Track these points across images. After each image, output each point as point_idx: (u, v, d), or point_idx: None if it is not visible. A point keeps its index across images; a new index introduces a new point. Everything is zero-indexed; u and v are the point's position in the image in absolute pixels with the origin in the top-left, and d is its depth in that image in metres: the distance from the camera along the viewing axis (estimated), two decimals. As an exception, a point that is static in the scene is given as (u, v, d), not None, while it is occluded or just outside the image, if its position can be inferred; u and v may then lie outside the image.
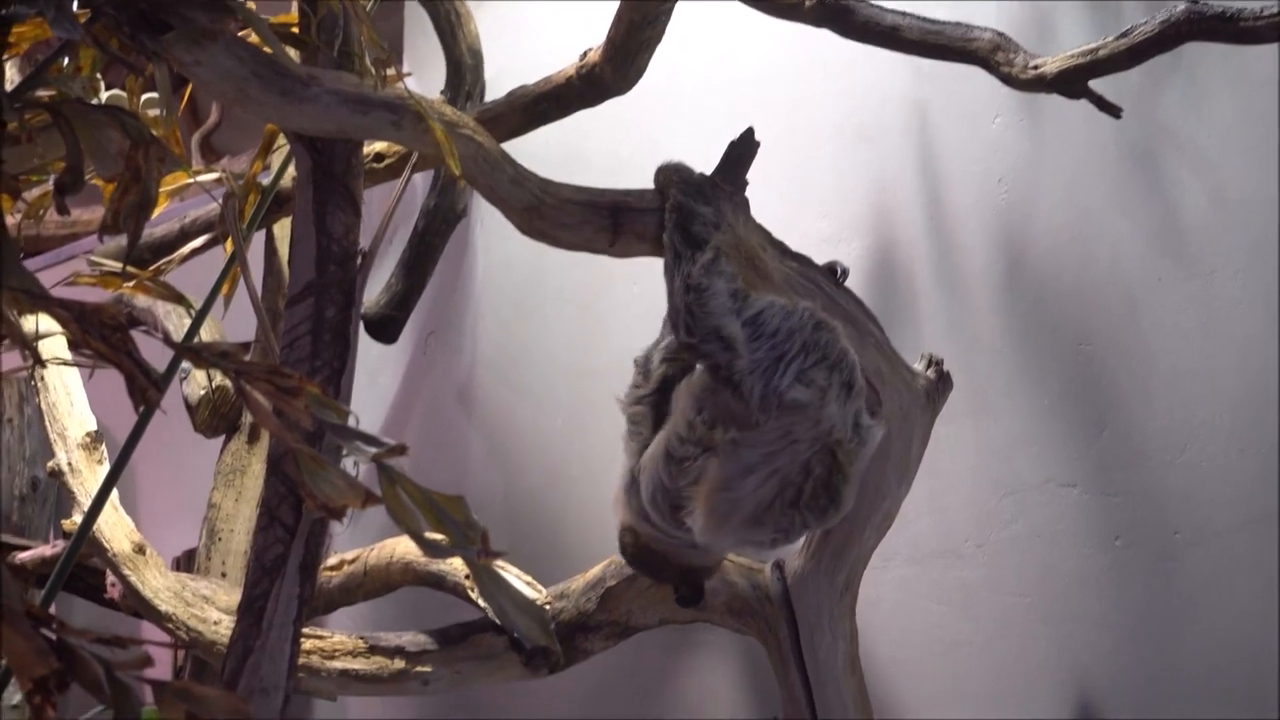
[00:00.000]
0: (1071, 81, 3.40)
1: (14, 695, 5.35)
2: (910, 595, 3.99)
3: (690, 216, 3.02)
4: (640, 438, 3.11)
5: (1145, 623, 3.64)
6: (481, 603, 3.67)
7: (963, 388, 3.55)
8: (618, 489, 3.12)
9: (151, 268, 3.28)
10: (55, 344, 3.97)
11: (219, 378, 4.81)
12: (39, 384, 4.32)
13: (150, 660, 1.70)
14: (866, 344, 3.24)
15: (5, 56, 2.51)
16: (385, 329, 4.76)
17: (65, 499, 4.30)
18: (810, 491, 2.91)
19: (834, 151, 4.30)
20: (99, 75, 3.00)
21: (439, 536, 1.84)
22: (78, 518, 4.14)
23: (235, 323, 3.99)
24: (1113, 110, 3.44)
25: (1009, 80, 3.48)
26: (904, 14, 3.60)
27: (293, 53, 2.83)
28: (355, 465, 2.43)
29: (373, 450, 1.85)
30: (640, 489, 3.01)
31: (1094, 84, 3.41)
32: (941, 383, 3.42)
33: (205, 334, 3.76)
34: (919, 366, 3.41)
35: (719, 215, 3.05)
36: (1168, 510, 3.63)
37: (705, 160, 3.18)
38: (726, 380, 2.91)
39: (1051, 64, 3.40)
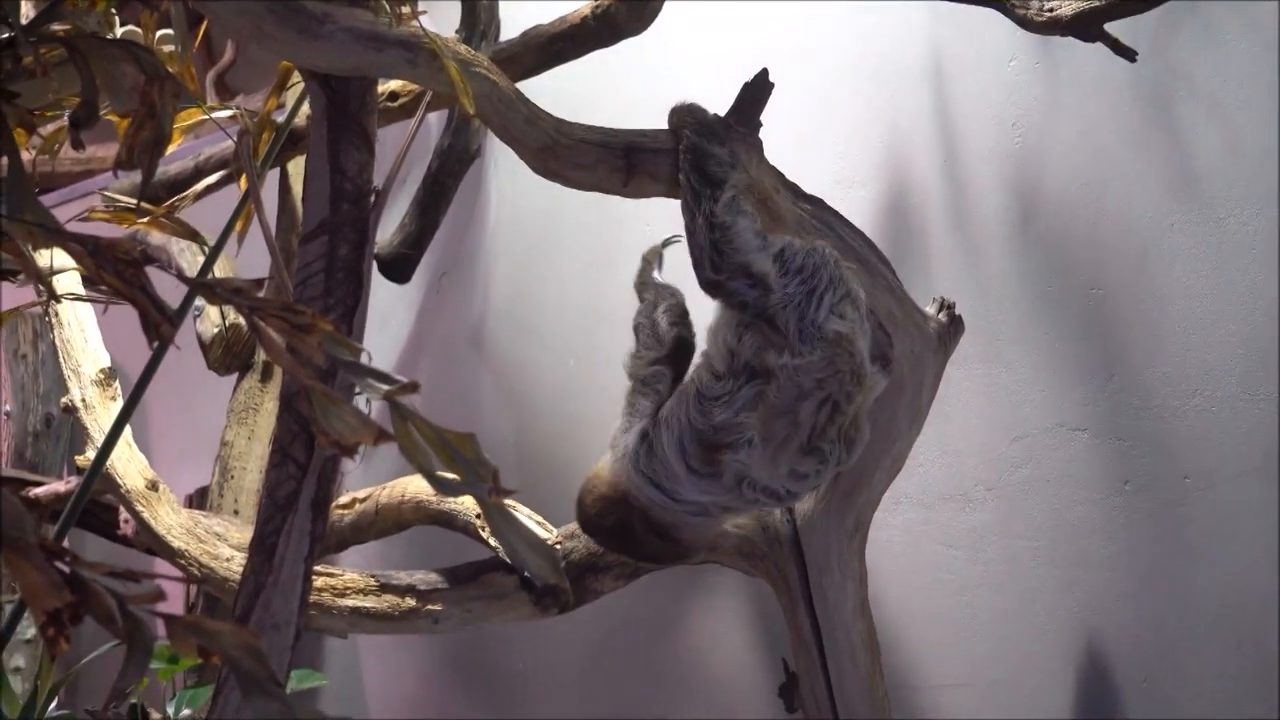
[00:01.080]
0: (1087, 24, 3.39)
1: (28, 629, 5.38)
2: (920, 539, 4.00)
3: (705, 157, 3.03)
4: (657, 396, 3.10)
5: (1154, 567, 3.64)
6: (492, 542, 3.68)
7: (974, 331, 3.56)
8: (612, 461, 3.06)
9: (166, 204, 3.28)
10: (69, 280, 3.97)
11: (232, 315, 4.82)
12: (53, 320, 4.32)
13: (163, 594, 1.71)
14: (879, 286, 3.25)
15: (21, -10, 2.51)
16: (398, 268, 4.76)
17: (79, 435, 4.32)
18: (850, 422, 2.95)
19: (848, 94, 4.29)
20: (114, 11, 3.00)
21: (450, 475, 1.85)
22: (91, 454, 4.15)
23: (249, 261, 3.99)
24: (1128, 53, 3.43)
25: (1024, 23, 3.47)
26: (920, -44, 3.59)
27: (307, -11, 2.82)
28: (368, 403, 2.44)
29: (385, 387, 1.85)
30: (659, 444, 2.97)
31: (1109, 27, 3.40)
32: (953, 326, 3.42)
33: (219, 271, 3.76)
34: (931, 310, 3.42)
35: (734, 156, 3.05)
36: (1178, 455, 3.63)
37: (719, 101, 3.18)
38: (759, 315, 2.93)
39: (1067, 6, 3.39)
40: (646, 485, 2.98)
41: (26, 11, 2.68)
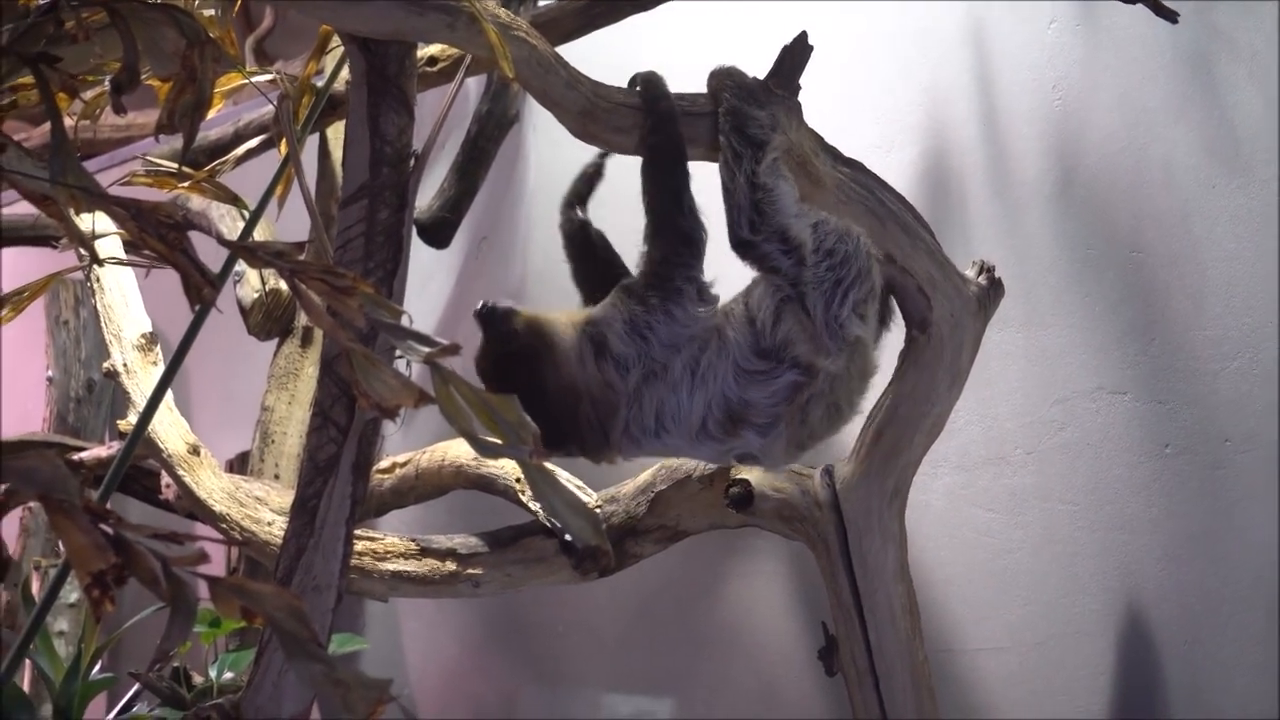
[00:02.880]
0: (1129, -14, 3.38)
1: (71, 593, 5.41)
2: (959, 502, 3.99)
3: (745, 119, 3.03)
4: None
5: (1194, 530, 3.64)
6: (532, 506, 3.70)
7: (1014, 294, 3.55)
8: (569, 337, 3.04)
9: (206, 169, 3.28)
10: (110, 244, 3.98)
11: (272, 280, 4.83)
12: (95, 285, 4.34)
13: (206, 557, 1.72)
14: (918, 249, 3.25)
15: (62, -44, 2.51)
16: (438, 233, 4.76)
17: (121, 400, 4.33)
18: (842, 423, 3.13)
19: (887, 57, 4.28)
20: (155, -25, 3.01)
21: (491, 437, 1.86)
22: (133, 418, 4.17)
23: (289, 226, 4.00)
24: (1169, 14, 3.41)
25: (1065, -16, 3.46)
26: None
27: (348, -46, 2.82)
28: (407, 366, 2.44)
29: (426, 350, 1.86)
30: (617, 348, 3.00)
31: (1151, -12, 3.39)
32: (993, 289, 3.41)
33: (259, 235, 3.78)
34: (971, 273, 3.41)
35: (774, 119, 3.06)
36: (1218, 418, 3.62)
37: (758, 65, 3.17)
38: (791, 283, 2.96)
39: (1109, -32, 3.38)
40: (604, 389, 2.99)
41: (68, -24, 2.69)
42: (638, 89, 3.07)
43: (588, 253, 3.33)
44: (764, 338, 3.01)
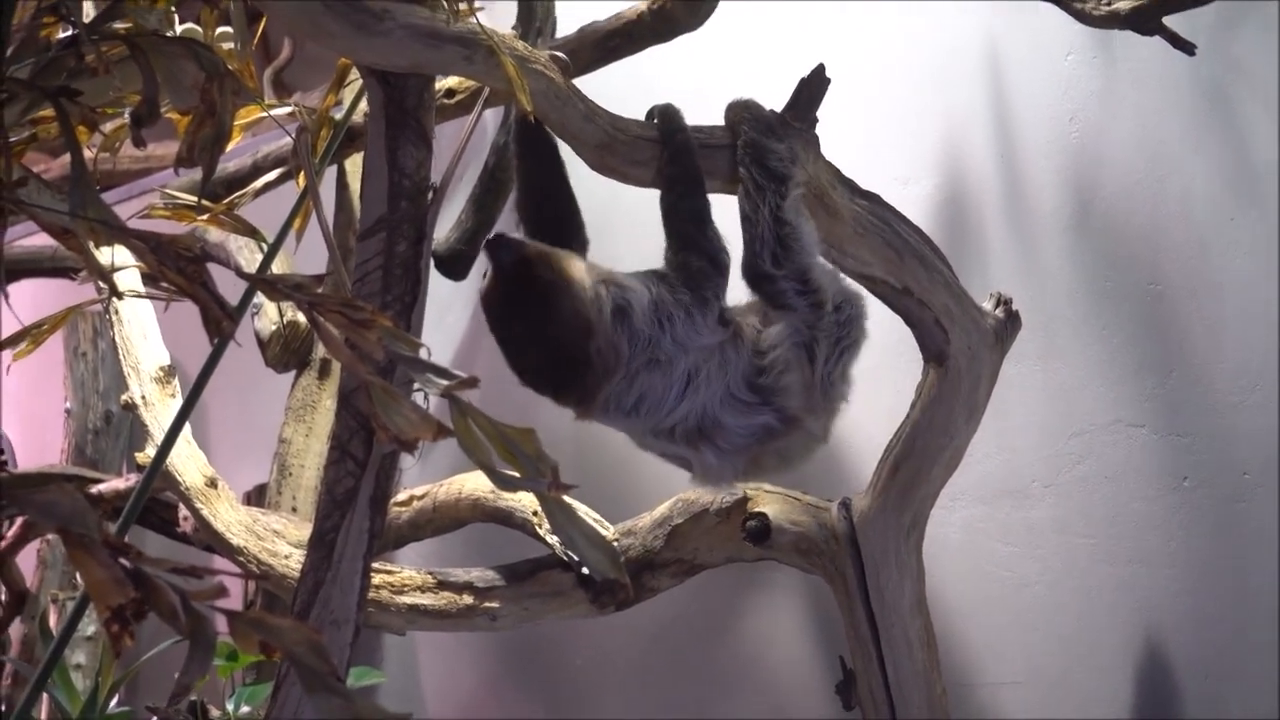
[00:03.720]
0: (1145, 18, 3.37)
1: (88, 626, 5.41)
2: (977, 535, 3.99)
3: (765, 152, 3.04)
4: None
5: (1214, 563, 3.63)
6: (549, 539, 3.69)
7: (1031, 327, 3.55)
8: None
9: (225, 201, 3.29)
10: (129, 277, 3.99)
11: (290, 313, 4.83)
12: (113, 317, 4.34)
13: (225, 591, 1.71)
14: (936, 282, 3.25)
15: (83, -11, 2.52)
16: (455, 265, 4.76)
17: (139, 432, 4.34)
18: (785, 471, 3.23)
19: (905, 89, 4.28)
20: (174, 9, 3.01)
21: (510, 470, 1.86)
22: (151, 451, 4.18)
23: (306, 258, 4.01)
24: (1186, 47, 3.41)
25: (1082, 16, 3.46)
26: (978, -49, 3.57)
27: (366, -14, 2.83)
28: (425, 399, 2.44)
29: (444, 382, 1.86)
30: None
31: (1168, 20, 3.38)
32: (1010, 322, 3.42)
33: (277, 268, 3.78)
34: (988, 305, 3.41)
35: (792, 152, 3.06)
36: (1236, 451, 3.62)
37: (775, 98, 3.18)
38: (808, 326, 3.03)
39: (1125, 1, 3.37)
40: (611, 349, 2.95)
41: (88, 9, 2.70)
42: (655, 121, 3.07)
43: (541, 155, 3.22)
44: (766, 375, 3.02)
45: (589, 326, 2.91)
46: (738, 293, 3.12)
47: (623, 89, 3.81)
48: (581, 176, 3.20)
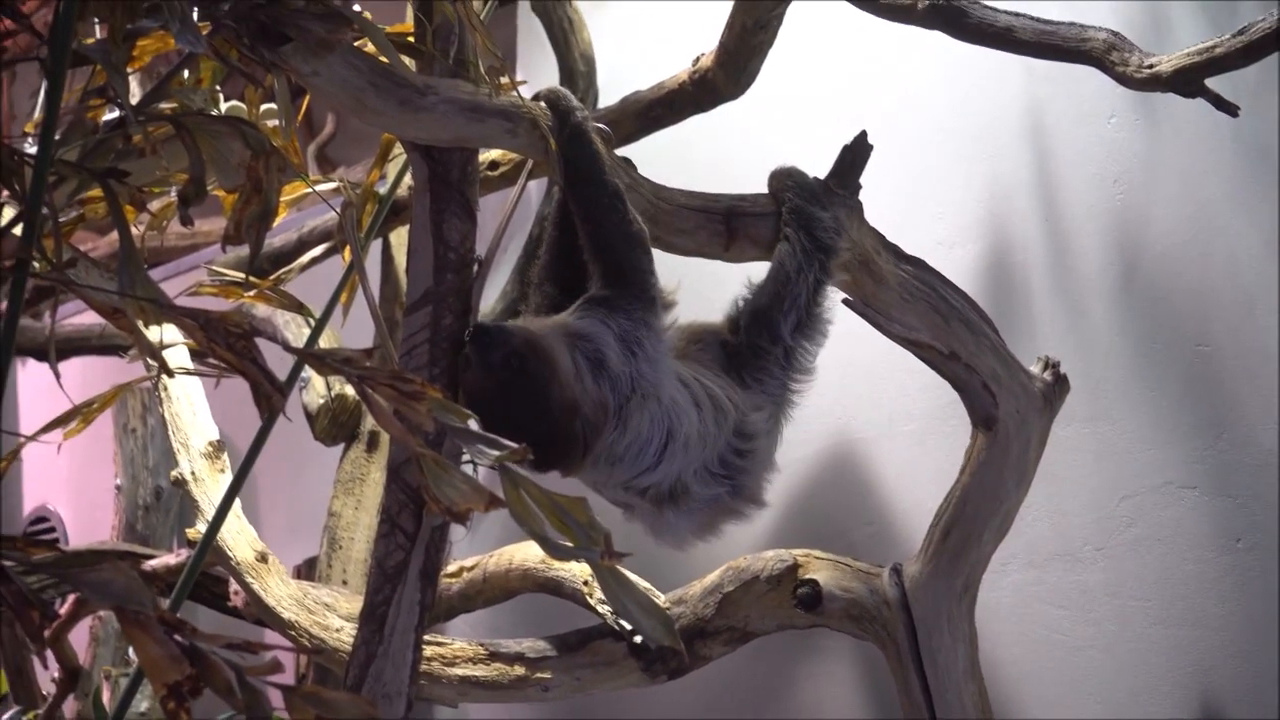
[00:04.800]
0: (1188, 80, 3.37)
1: (141, 702, 5.41)
2: (1029, 599, 3.96)
3: (811, 220, 3.04)
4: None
5: (1268, 626, 3.60)
6: (601, 608, 3.68)
7: (1080, 390, 3.53)
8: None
9: (271, 277, 3.31)
10: (178, 354, 4.01)
11: (338, 386, 4.85)
12: (162, 394, 4.36)
13: (280, 666, 1.72)
14: (983, 346, 3.25)
15: (129, 70, 2.54)
16: (501, 337, 4.77)
17: (188, 508, 4.34)
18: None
19: (948, 154, 4.28)
20: (219, 87, 3.04)
21: (562, 539, 1.86)
22: (201, 526, 4.18)
23: (353, 332, 4.02)
24: (1230, 109, 3.40)
25: (1124, 80, 3.45)
26: (1017, 15, 3.57)
27: (409, 61, 2.85)
28: (474, 470, 2.45)
29: (495, 453, 1.86)
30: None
31: (1210, 82, 3.38)
32: (1058, 385, 3.41)
33: (324, 343, 3.79)
34: (1036, 369, 3.40)
35: (837, 221, 3.07)
36: (1290, 512, 3.60)
37: (818, 165, 3.18)
38: (779, 390, 3.12)
39: (1167, 63, 3.37)
40: (597, 408, 2.89)
41: (135, 91, 2.72)
42: (542, 103, 2.99)
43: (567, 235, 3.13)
44: (743, 458, 3.04)
45: (575, 405, 2.86)
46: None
47: (666, 159, 3.83)
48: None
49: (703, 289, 3.37)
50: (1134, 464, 3.84)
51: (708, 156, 4.60)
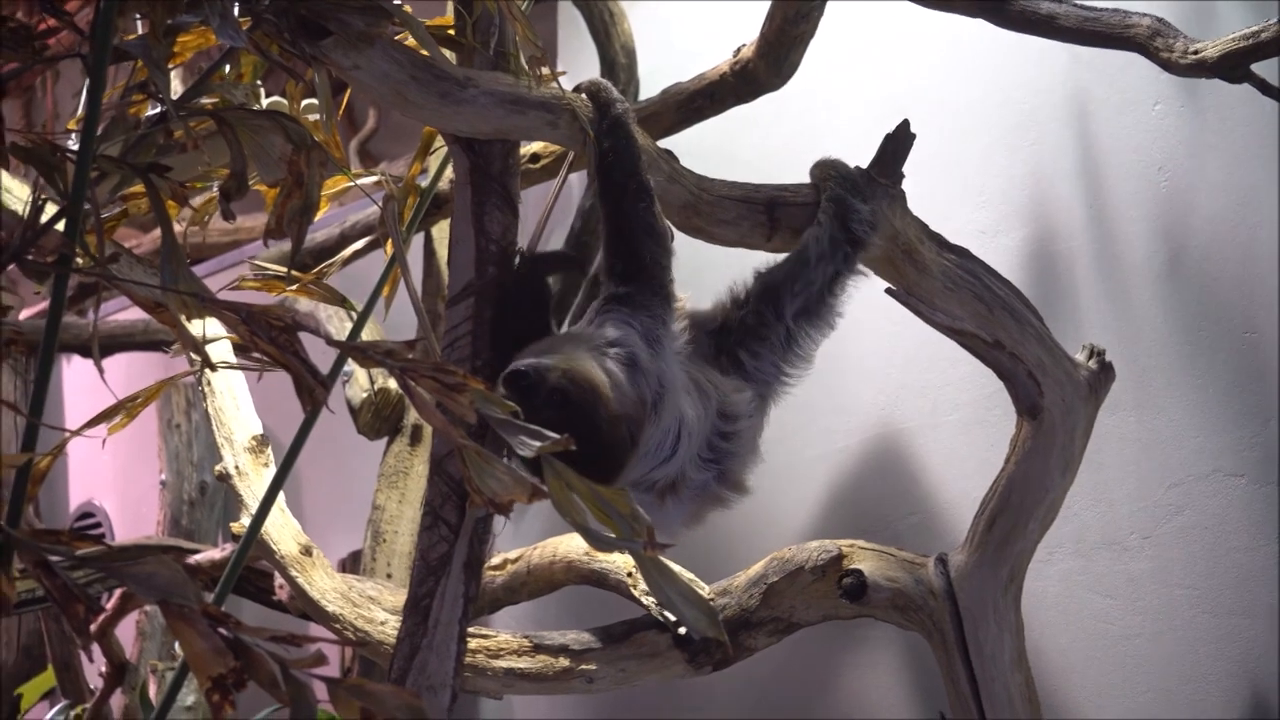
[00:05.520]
0: (1233, 66, 3.35)
1: (187, 696, 5.43)
2: (1076, 588, 3.95)
3: (849, 211, 3.03)
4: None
5: (1317, 614, 3.59)
6: (645, 600, 3.68)
7: (1126, 378, 3.52)
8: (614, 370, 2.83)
9: (313, 271, 3.31)
10: (221, 348, 4.02)
11: (381, 380, 4.86)
12: (206, 389, 4.36)
13: (325, 659, 1.72)
14: (1027, 335, 3.23)
15: (170, 65, 2.55)
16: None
17: (233, 502, 4.36)
18: None
19: (991, 142, 4.27)
20: (259, 82, 3.05)
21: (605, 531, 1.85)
22: (245, 520, 4.19)
23: (395, 326, 4.02)
24: (1275, 93, 3.38)
25: (1168, 66, 3.43)
26: (1060, 2, 3.55)
27: (449, 54, 2.85)
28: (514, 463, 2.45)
29: (538, 444, 1.86)
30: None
31: (1256, 67, 3.36)
32: (1104, 373, 3.39)
33: (366, 336, 3.79)
34: (1081, 357, 3.39)
35: (875, 215, 3.05)
36: (1339, 499, 3.58)
37: (860, 154, 3.17)
38: (768, 380, 3.05)
39: (1212, 49, 3.35)
40: (632, 402, 2.82)
41: (176, 86, 2.73)
42: (583, 95, 2.96)
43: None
44: (728, 441, 3.00)
45: (619, 414, 2.78)
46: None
47: (708, 150, 3.82)
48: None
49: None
50: (1181, 452, 3.82)
51: (750, 147, 4.59)
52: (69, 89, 8.54)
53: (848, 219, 3.04)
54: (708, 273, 3.13)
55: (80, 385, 7.01)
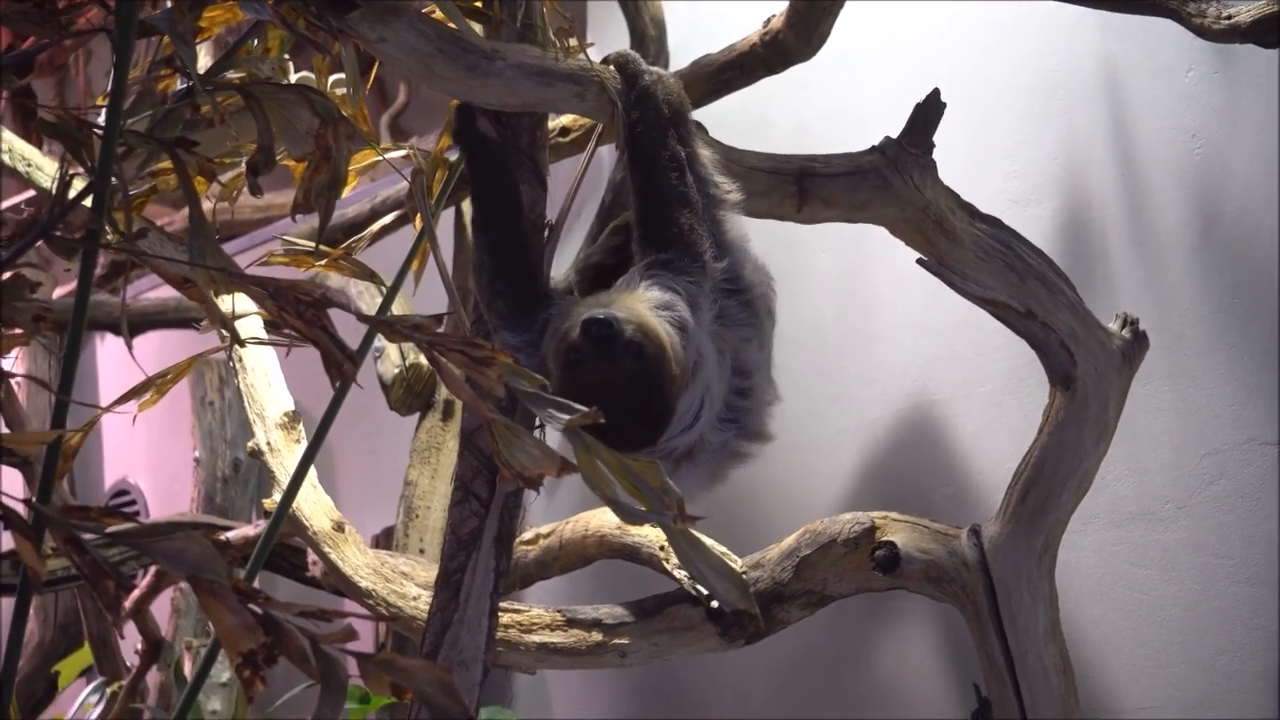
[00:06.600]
0: (1267, 31, 3.32)
1: (223, 673, 5.46)
2: (1110, 558, 3.94)
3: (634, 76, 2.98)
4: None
5: (1354, 583, 3.57)
6: (677, 574, 3.68)
7: (1159, 347, 3.50)
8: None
9: (343, 246, 3.31)
10: (251, 324, 4.02)
11: (412, 355, 4.86)
12: (237, 365, 4.36)
13: (355, 634, 1.72)
14: (1059, 304, 3.21)
15: (197, 40, 2.54)
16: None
17: (265, 479, 4.36)
18: None
19: (1022, 111, 4.25)
20: (287, 57, 3.04)
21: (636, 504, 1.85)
22: (278, 497, 4.20)
23: (425, 301, 4.02)
24: (1310, 59, 3.36)
25: (1201, 32, 3.41)
26: (1092, -33, 3.54)
27: (476, 27, 2.84)
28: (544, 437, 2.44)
29: (567, 417, 1.85)
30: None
31: (1289, 32, 3.33)
32: (1137, 342, 3.37)
33: (396, 311, 3.79)
34: (1114, 326, 3.37)
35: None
36: (1375, 467, 3.56)
37: (891, 123, 3.16)
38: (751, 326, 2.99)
39: (1246, 13, 3.32)
40: (685, 370, 2.82)
41: (203, 61, 2.72)
42: (611, 67, 2.96)
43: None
44: (746, 397, 2.97)
45: (676, 376, 2.77)
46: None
47: (738, 121, 3.81)
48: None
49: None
50: (1215, 420, 3.80)
51: (780, 118, 4.58)
52: (100, 68, 8.54)
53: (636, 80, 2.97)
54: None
55: (115, 364, 7.02)
